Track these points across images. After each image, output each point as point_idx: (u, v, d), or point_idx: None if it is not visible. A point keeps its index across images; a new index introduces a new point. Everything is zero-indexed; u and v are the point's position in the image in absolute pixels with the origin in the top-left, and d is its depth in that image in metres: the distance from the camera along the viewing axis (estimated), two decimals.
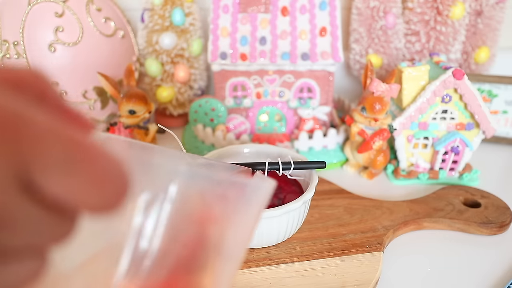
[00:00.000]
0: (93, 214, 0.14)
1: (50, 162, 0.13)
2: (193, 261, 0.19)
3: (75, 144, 0.13)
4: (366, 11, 0.69)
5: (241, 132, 0.65)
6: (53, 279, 0.18)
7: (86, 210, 0.14)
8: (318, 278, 0.38)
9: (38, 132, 0.13)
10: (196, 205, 0.20)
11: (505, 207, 0.48)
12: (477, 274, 0.41)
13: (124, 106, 0.54)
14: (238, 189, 0.19)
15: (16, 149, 0.12)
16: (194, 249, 0.19)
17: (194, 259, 0.19)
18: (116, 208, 0.14)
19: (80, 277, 0.18)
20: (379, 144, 0.55)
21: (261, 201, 0.19)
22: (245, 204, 0.19)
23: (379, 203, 0.49)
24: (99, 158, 0.14)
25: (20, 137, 0.12)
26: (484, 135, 0.54)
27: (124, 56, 0.65)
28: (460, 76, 0.51)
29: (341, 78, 0.81)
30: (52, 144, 0.13)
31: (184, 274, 0.19)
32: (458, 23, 0.68)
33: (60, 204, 0.14)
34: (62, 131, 0.13)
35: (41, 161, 0.13)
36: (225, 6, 0.62)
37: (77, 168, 0.13)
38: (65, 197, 0.13)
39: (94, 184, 0.14)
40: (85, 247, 0.19)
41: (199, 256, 0.19)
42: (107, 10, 0.62)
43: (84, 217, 0.15)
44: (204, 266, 0.19)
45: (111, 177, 0.14)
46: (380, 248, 0.42)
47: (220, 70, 0.62)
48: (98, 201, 0.14)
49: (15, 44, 0.55)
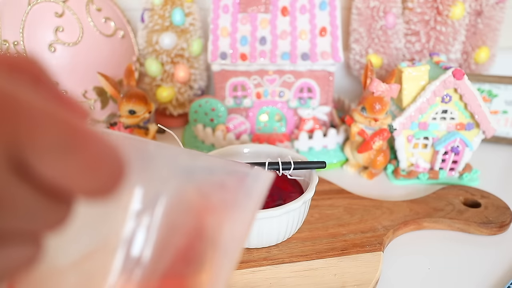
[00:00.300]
0: (89, 198, 0.14)
1: (45, 145, 0.13)
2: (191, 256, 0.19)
3: (71, 127, 0.13)
4: (366, 11, 0.69)
5: (241, 132, 0.65)
6: (47, 272, 0.17)
7: (82, 194, 0.14)
8: (318, 278, 0.38)
9: (34, 113, 0.13)
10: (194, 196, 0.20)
11: (505, 207, 0.48)
12: (477, 274, 0.41)
13: (124, 106, 0.54)
14: (237, 179, 0.19)
15: (11, 130, 0.12)
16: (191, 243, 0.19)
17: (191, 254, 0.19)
18: (112, 192, 0.14)
19: (74, 273, 0.18)
20: (379, 144, 0.55)
21: (260, 191, 0.19)
22: (244, 194, 0.19)
23: (379, 203, 0.49)
24: (94, 142, 0.14)
25: (15, 118, 0.12)
26: (484, 135, 0.55)
27: (124, 56, 0.65)
28: (460, 76, 0.51)
29: (341, 78, 0.81)
30: (47, 127, 0.13)
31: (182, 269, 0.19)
32: (458, 23, 0.68)
33: (55, 188, 0.14)
34: (57, 114, 0.13)
35: (36, 144, 0.13)
36: (225, 6, 0.62)
37: (72, 151, 0.13)
38: (60, 181, 0.13)
39: (90, 168, 0.14)
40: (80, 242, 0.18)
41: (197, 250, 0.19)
42: (107, 10, 0.62)
43: (80, 202, 0.15)
44: (202, 260, 0.19)
45: (107, 161, 0.14)
46: (380, 248, 0.42)
47: (220, 70, 0.62)
48: (93, 185, 0.14)
49: (15, 44, 0.55)
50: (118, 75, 0.62)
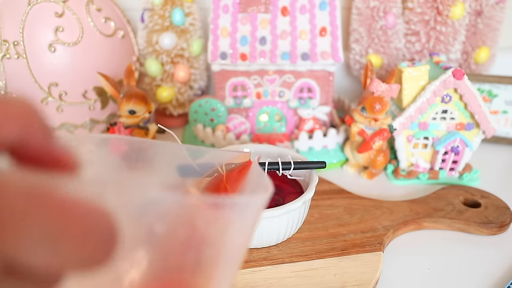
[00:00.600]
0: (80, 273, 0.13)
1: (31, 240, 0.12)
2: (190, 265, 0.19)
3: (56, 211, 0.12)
4: (366, 11, 0.69)
5: (241, 132, 0.65)
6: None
7: (72, 271, 0.13)
8: (318, 278, 0.38)
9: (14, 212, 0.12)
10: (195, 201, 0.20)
11: (505, 207, 0.48)
12: (477, 274, 0.41)
13: (124, 106, 0.54)
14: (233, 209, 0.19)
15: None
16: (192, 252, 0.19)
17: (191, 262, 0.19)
18: (106, 263, 0.14)
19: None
20: (379, 144, 0.55)
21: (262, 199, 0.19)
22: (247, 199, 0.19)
23: (379, 203, 0.49)
24: (82, 216, 0.13)
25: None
26: (484, 135, 0.54)
27: (124, 56, 0.65)
28: (460, 76, 0.51)
29: (341, 78, 0.81)
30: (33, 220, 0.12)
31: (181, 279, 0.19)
32: (458, 23, 0.68)
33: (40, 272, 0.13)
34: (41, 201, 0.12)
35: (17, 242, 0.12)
36: (225, 6, 0.62)
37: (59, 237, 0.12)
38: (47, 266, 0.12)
39: (79, 247, 0.13)
40: None
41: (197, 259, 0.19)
42: (107, 10, 0.62)
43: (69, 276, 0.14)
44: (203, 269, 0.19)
45: (98, 234, 0.13)
46: (380, 248, 0.42)
47: (220, 70, 0.62)
48: (84, 261, 0.13)
49: (15, 44, 0.55)
50: (118, 75, 0.62)
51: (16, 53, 0.56)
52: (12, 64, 0.56)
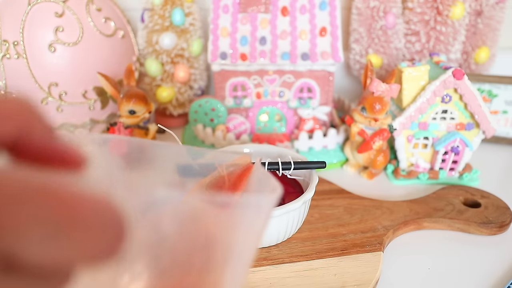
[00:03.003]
0: (89, 268, 0.13)
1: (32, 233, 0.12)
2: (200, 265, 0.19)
3: (61, 205, 0.12)
4: (366, 11, 0.69)
5: (241, 132, 0.65)
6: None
7: (81, 266, 0.13)
8: (318, 278, 0.38)
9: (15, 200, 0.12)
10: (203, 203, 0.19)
11: (505, 207, 0.48)
12: (477, 274, 0.41)
13: (124, 106, 0.54)
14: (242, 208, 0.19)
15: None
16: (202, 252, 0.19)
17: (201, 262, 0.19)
18: (115, 255, 0.13)
19: None
20: (379, 144, 0.55)
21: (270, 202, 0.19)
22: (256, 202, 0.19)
23: (379, 203, 0.49)
24: (89, 209, 0.13)
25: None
26: (484, 135, 0.54)
27: (124, 56, 0.65)
28: (460, 76, 0.51)
29: (341, 78, 0.81)
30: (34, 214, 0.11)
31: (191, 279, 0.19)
32: (458, 23, 0.68)
33: (48, 268, 0.13)
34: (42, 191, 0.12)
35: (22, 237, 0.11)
36: (225, 6, 0.62)
37: (65, 231, 0.12)
38: (55, 261, 0.12)
39: (88, 240, 0.12)
40: None
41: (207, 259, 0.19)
42: (107, 10, 0.62)
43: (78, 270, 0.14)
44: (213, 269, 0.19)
45: (106, 227, 0.13)
46: (380, 248, 0.42)
47: (220, 70, 0.62)
48: (93, 254, 0.13)
49: (15, 44, 0.55)
50: (118, 75, 0.62)
51: (16, 53, 0.56)
52: (12, 64, 0.56)
